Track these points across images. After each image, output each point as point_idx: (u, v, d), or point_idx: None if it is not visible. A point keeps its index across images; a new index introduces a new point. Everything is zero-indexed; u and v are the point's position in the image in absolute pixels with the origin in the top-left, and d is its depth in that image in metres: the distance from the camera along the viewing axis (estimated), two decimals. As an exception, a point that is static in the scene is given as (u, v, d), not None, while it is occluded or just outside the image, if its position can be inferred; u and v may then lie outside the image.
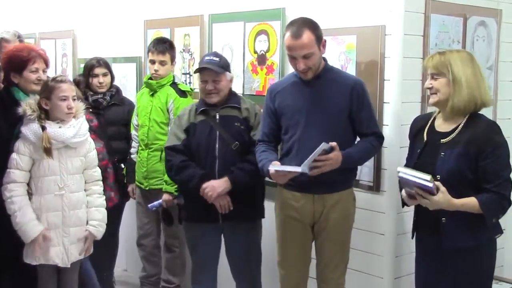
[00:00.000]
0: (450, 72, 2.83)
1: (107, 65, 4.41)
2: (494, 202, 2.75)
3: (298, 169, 3.00)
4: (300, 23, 3.16)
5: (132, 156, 4.38)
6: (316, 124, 3.18)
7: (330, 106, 3.19)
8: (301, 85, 3.26)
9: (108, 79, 4.39)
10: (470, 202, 2.74)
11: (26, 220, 3.34)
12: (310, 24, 3.16)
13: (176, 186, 3.93)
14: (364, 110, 3.22)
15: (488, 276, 2.94)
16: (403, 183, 2.87)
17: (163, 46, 4.23)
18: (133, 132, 4.40)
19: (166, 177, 3.96)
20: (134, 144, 4.39)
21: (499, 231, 2.92)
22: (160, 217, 4.27)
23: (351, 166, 3.25)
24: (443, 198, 2.71)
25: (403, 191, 2.93)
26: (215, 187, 3.47)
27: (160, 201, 4.06)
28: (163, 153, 3.83)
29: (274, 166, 3.10)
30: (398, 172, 2.83)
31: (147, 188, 4.25)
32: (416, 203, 2.87)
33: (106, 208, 3.64)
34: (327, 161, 3.04)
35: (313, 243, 3.37)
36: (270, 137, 3.38)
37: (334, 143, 3.04)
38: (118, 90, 4.51)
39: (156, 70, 4.21)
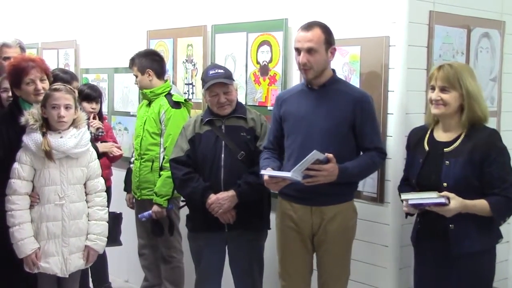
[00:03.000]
0: (463, 86, 2.87)
1: (77, 79, 4.53)
2: (502, 204, 2.85)
3: (288, 174, 2.98)
4: (315, 21, 3.23)
5: (131, 166, 4.41)
6: (317, 132, 3.17)
7: (332, 115, 3.18)
8: (307, 93, 3.27)
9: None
10: (481, 203, 2.83)
11: (24, 236, 3.33)
12: (323, 26, 3.21)
13: (165, 197, 3.99)
14: (368, 125, 3.21)
15: (489, 281, 3.00)
16: (416, 207, 2.91)
17: (130, 61, 4.38)
18: (134, 142, 4.42)
19: (156, 188, 4.03)
20: (134, 153, 4.41)
21: (501, 236, 3.02)
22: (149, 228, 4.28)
23: (348, 181, 3.20)
24: (457, 203, 2.79)
25: (404, 202, 2.95)
26: (222, 203, 3.47)
27: (149, 211, 4.08)
28: (155, 163, 3.88)
29: (266, 172, 3.09)
30: (405, 200, 2.89)
31: (139, 198, 4.27)
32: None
33: None
34: (322, 171, 3.00)
35: (314, 255, 3.35)
36: (274, 144, 3.39)
37: (330, 155, 3.02)
38: None
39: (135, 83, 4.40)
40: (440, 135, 3.01)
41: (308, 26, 3.18)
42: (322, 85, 3.23)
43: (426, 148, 3.01)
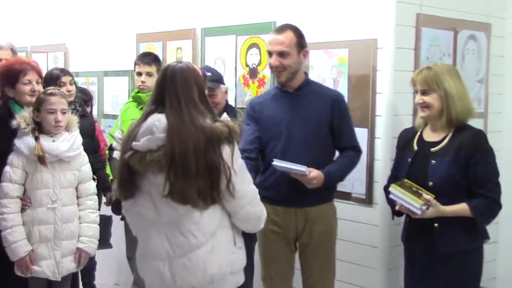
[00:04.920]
0: (441, 87, 2.92)
1: (71, 74, 4.35)
2: (485, 206, 2.89)
3: (303, 168, 2.98)
4: (287, 24, 3.24)
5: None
6: (298, 136, 3.17)
7: (312, 118, 3.19)
8: (282, 97, 3.26)
9: (74, 87, 4.29)
10: (462, 209, 2.87)
11: (17, 239, 3.32)
12: (295, 28, 3.22)
13: None
14: (345, 123, 3.24)
15: (476, 281, 3.03)
16: (390, 202, 3.00)
17: (149, 58, 4.25)
18: (114, 143, 4.34)
19: None
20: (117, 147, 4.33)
21: (487, 236, 3.04)
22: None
23: (333, 183, 3.24)
24: (433, 212, 2.86)
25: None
26: None
27: None
28: None
29: (278, 162, 3.04)
30: (389, 192, 2.96)
31: None
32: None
33: None
34: (309, 181, 3.04)
35: (298, 257, 3.36)
36: (253, 143, 3.26)
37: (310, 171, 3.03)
38: (81, 102, 4.43)
39: (143, 82, 4.21)
40: (429, 135, 3.05)
41: (280, 29, 3.19)
42: (297, 88, 3.23)
43: (415, 148, 3.06)
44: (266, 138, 3.26)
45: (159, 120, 2.47)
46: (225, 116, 2.77)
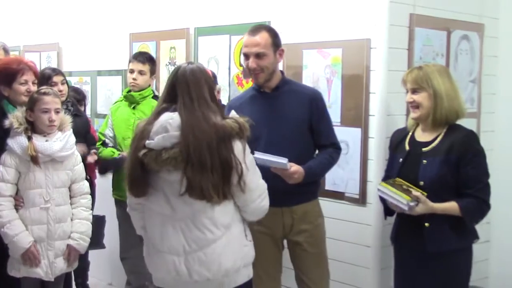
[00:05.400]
0: (431, 86, 2.94)
1: (62, 73, 4.35)
2: (474, 206, 2.90)
3: (283, 160, 2.96)
4: (260, 25, 3.24)
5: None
6: (278, 137, 3.16)
7: (291, 117, 3.18)
8: (260, 98, 3.25)
9: (66, 87, 4.29)
10: (451, 207, 2.89)
11: (17, 231, 3.31)
12: (269, 29, 3.22)
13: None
14: (323, 121, 3.24)
15: (465, 281, 3.04)
16: (381, 199, 2.99)
17: (143, 56, 4.27)
18: (107, 140, 4.35)
19: None
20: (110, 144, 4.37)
21: (477, 236, 3.05)
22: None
23: (313, 179, 3.22)
24: (423, 208, 2.86)
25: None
26: None
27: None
28: None
29: (259, 154, 2.97)
30: (378, 189, 2.97)
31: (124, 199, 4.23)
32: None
33: None
34: (289, 175, 3.02)
35: (288, 256, 3.35)
36: None
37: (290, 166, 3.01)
38: (73, 101, 4.43)
39: (134, 79, 4.22)
40: (420, 136, 3.07)
41: (255, 30, 3.17)
42: (275, 87, 3.22)
43: (407, 148, 3.07)
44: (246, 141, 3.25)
45: (172, 118, 2.54)
46: (233, 113, 2.76)
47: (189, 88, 2.58)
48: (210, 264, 2.59)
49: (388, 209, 3.10)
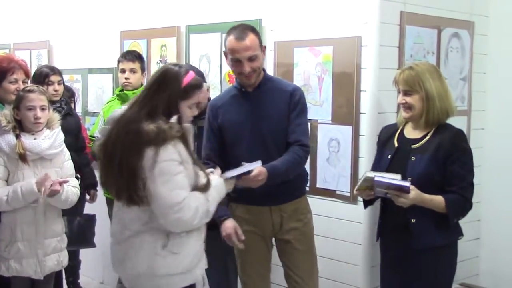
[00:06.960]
0: (423, 88, 2.97)
1: (60, 73, 4.35)
2: (458, 202, 2.93)
3: (252, 166, 2.87)
4: (243, 27, 3.17)
5: None
6: (262, 135, 3.14)
7: (273, 115, 3.16)
8: (242, 98, 3.22)
9: (62, 87, 4.30)
10: (438, 199, 2.90)
11: (20, 185, 3.26)
12: (252, 29, 3.19)
13: None
14: (296, 118, 3.16)
15: (448, 277, 3.07)
16: (377, 185, 2.90)
17: (132, 54, 4.30)
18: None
19: None
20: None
21: (461, 233, 3.08)
22: None
23: (279, 179, 3.06)
24: (416, 194, 2.85)
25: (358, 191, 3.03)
26: None
27: None
28: None
29: (229, 174, 2.87)
30: (369, 176, 2.90)
31: None
32: (372, 197, 3.00)
33: None
34: (253, 179, 2.90)
35: (276, 254, 3.35)
36: (215, 157, 3.23)
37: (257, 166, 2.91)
38: (66, 100, 4.42)
39: (127, 78, 4.23)
40: (410, 133, 3.09)
41: (242, 34, 3.09)
42: (256, 86, 3.20)
43: (396, 144, 3.09)
44: (230, 141, 3.22)
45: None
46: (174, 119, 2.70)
47: (150, 88, 2.60)
48: (118, 260, 2.69)
49: (366, 200, 3.13)
